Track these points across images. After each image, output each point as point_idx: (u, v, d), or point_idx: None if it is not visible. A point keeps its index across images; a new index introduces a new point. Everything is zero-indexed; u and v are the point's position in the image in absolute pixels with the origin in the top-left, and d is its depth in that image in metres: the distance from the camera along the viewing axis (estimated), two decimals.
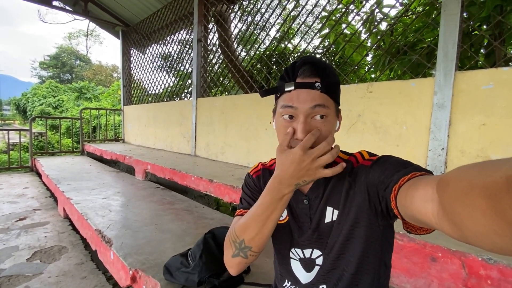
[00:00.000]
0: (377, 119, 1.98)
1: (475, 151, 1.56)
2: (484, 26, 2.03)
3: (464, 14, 2.08)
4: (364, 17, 2.88)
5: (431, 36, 2.27)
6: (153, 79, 4.79)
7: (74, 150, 5.50)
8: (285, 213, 0.68)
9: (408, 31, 2.49)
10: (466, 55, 2.02)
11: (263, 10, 3.23)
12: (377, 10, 2.51)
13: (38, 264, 1.74)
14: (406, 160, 0.53)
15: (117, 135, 6.13)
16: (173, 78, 4.48)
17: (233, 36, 3.70)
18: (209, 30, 3.67)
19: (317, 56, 4.26)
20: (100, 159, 4.64)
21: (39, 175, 4.22)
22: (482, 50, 2.25)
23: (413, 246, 1.10)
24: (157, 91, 4.76)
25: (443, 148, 1.65)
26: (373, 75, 3.99)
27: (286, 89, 0.57)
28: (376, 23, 2.72)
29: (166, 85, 4.53)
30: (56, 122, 10.93)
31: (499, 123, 1.47)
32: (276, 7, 3.05)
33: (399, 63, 2.20)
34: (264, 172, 0.74)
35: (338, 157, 0.64)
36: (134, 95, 5.52)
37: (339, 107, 0.62)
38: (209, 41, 3.65)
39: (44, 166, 3.82)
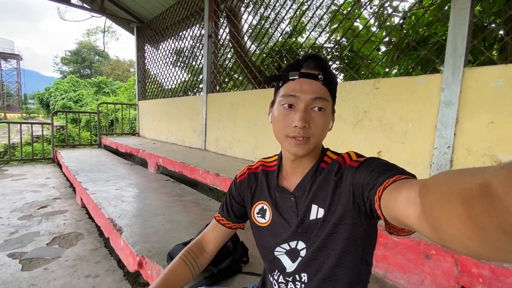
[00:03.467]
0: (383, 115, 1.96)
1: (482, 149, 1.53)
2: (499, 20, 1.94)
3: (479, 6, 2.00)
4: (376, 10, 2.81)
5: (444, 30, 2.20)
6: (166, 75, 4.91)
7: (93, 143, 5.75)
8: (268, 216, 0.70)
9: (418, 25, 2.42)
10: (479, 50, 1.95)
11: (273, 3, 3.22)
12: (387, 4, 2.45)
13: (57, 248, 1.88)
14: (392, 163, 0.54)
15: (133, 129, 6.34)
16: (185, 74, 4.57)
17: (243, 31, 3.72)
18: (219, 26, 3.71)
19: (327, 50, 4.21)
20: (116, 152, 4.84)
21: (60, 166, 4.47)
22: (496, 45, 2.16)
23: (408, 243, 1.12)
24: (170, 87, 4.87)
25: (449, 146, 1.63)
26: (387, 69, 3.90)
27: (291, 77, 0.60)
28: (386, 16, 2.65)
29: (178, 81, 4.63)
30: (76, 116, 11.42)
31: (508, 121, 1.43)
32: (285, 1, 3.03)
33: (407, 59, 2.15)
34: (250, 176, 0.75)
35: (327, 156, 0.66)
36: (148, 90, 5.68)
37: (334, 108, 0.64)
38: (219, 37, 3.69)
39: (64, 157, 4.04)
